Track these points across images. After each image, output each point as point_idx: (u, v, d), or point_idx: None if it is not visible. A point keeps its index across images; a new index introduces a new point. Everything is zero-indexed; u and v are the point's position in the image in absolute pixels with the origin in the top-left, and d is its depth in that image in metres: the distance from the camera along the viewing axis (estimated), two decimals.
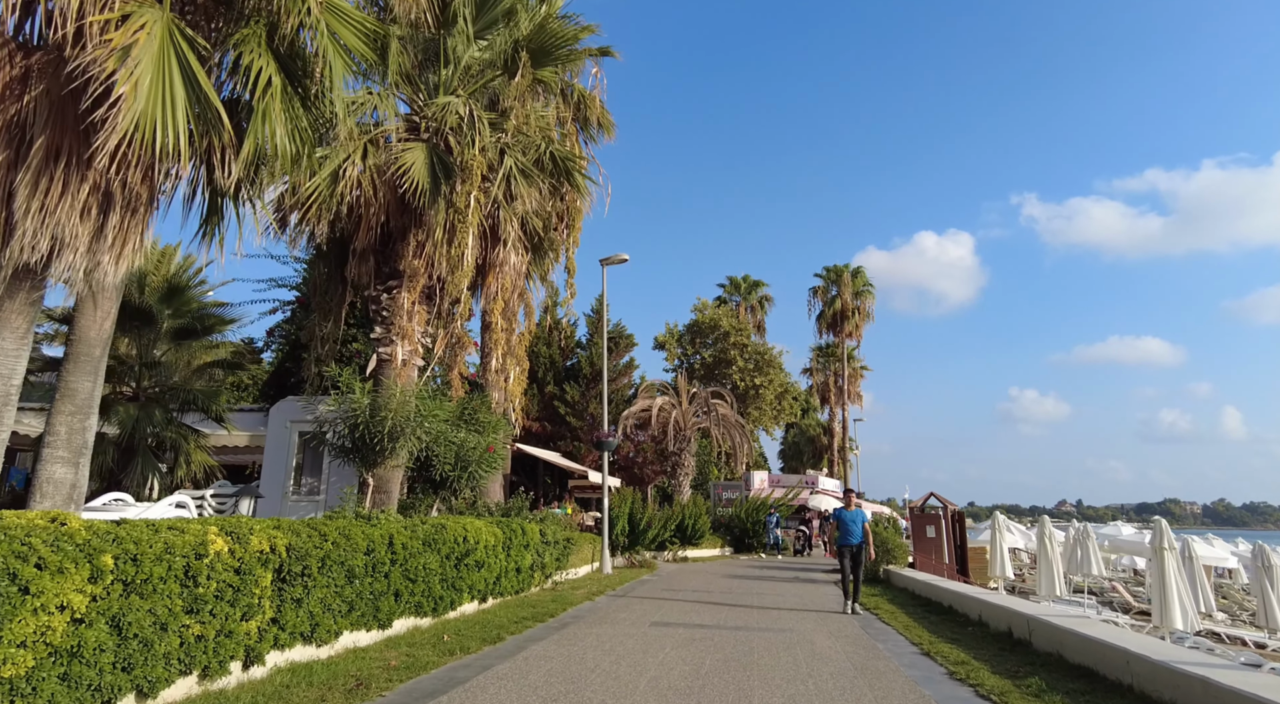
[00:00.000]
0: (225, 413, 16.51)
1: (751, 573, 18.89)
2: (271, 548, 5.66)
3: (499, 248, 10.55)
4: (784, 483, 38.71)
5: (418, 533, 8.21)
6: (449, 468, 10.82)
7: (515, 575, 11.34)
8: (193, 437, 16.07)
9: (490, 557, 10.21)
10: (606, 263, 19.33)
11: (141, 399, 15.43)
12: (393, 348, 9.88)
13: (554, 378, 30.93)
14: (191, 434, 16.09)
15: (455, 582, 9.21)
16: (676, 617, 10.33)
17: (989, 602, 9.48)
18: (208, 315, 16.01)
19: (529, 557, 11.77)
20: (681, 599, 12.51)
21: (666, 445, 29.85)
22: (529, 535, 11.66)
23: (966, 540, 23.08)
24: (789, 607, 11.82)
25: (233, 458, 17.66)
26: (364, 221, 10.19)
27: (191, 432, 16.14)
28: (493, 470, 11.41)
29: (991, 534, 15.53)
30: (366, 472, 9.47)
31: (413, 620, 8.37)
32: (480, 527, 9.96)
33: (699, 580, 16.31)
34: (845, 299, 51.08)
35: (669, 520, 21.65)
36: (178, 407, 15.86)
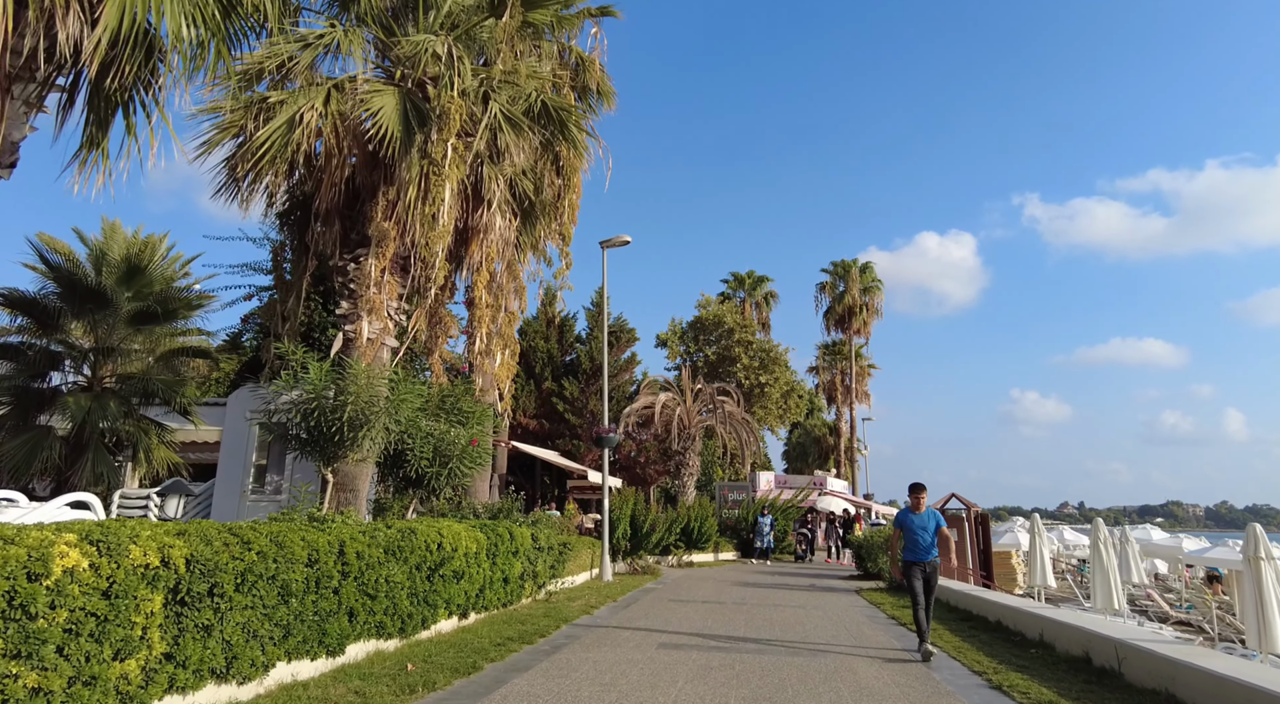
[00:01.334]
0: (192, 406, 15.16)
1: (763, 580, 17.51)
2: (164, 561, 4.30)
3: (482, 210, 9.19)
4: (791, 484, 37.27)
5: (378, 539, 6.85)
6: (426, 463, 9.47)
7: (502, 586, 9.97)
8: (155, 431, 14.72)
9: (471, 565, 8.84)
10: (607, 245, 17.98)
11: (96, 389, 14.08)
12: (358, 324, 8.55)
13: (552, 373, 29.57)
14: (155, 428, 14.74)
15: (428, 596, 7.84)
16: (687, 635, 8.95)
17: (1053, 619, 8.10)
18: (171, 298, 14.64)
19: (518, 564, 10.41)
20: (691, 612, 11.13)
21: (670, 444, 28.46)
22: (518, 540, 10.29)
23: (991, 544, 21.74)
24: (813, 620, 10.44)
25: (203, 455, 16.29)
26: (327, 178, 8.84)
27: (155, 426, 14.79)
28: (477, 466, 10.06)
29: (1031, 538, 14.15)
30: (326, 467, 8.14)
31: (374, 644, 7.00)
32: (460, 531, 8.60)
33: (708, 589, 14.93)
34: (853, 295, 49.67)
35: (673, 523, 20.26)
36: (139, 398, 14.52)
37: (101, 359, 14.22)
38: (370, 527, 7.00)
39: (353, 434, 7.71)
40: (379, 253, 8.61)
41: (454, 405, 10.01)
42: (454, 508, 11.62)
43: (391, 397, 8.01)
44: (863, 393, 54.52)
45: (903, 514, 8.36)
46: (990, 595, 11.07)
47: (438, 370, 10.19)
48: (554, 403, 29.01)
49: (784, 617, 10.89)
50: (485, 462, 10.26)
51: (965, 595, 11.67)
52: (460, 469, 9.78)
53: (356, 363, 7.81)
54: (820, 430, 61.31)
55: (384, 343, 9.19)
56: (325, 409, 7.68)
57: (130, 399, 14.32)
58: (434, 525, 8.21)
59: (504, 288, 10.00)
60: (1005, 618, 9.54)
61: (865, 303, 50.05)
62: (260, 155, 8.25)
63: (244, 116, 8.60)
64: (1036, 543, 13.67)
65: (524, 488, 30.97)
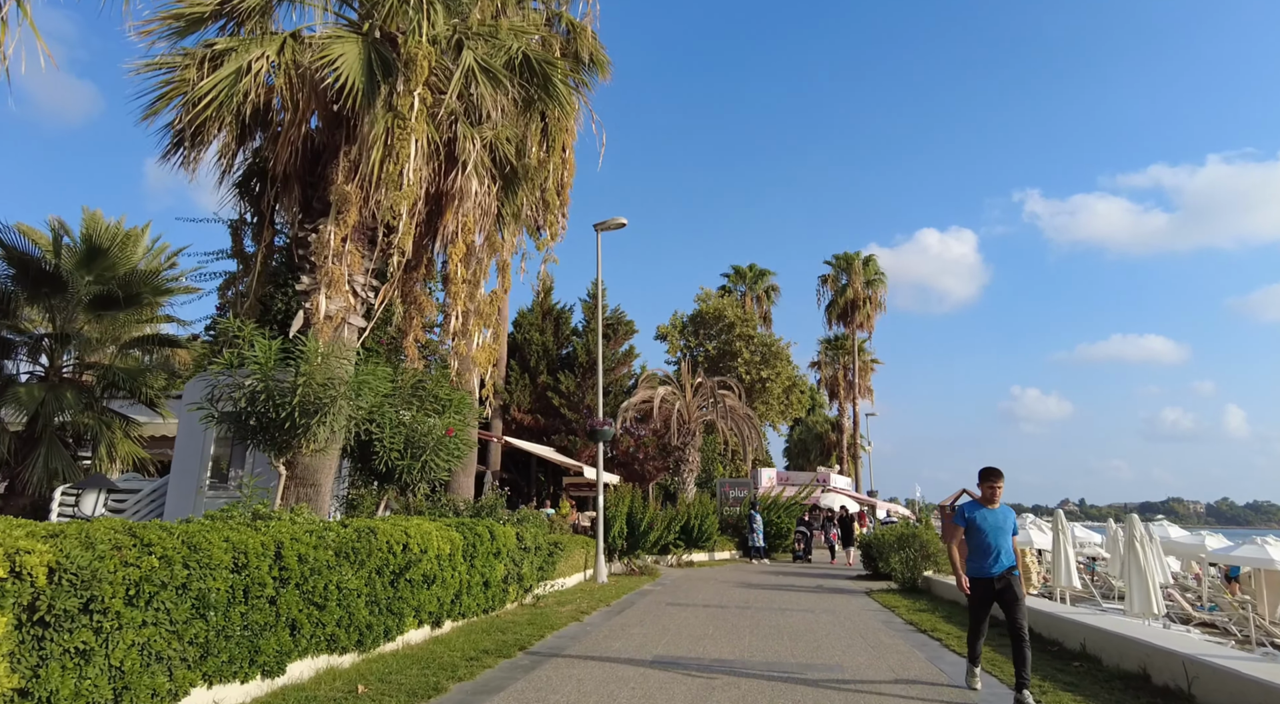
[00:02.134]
0: (160, 397, 14.22)
1: (767, 581, 16.60)
2: (14, 571, 3.37)
3: (456, 174, 8.25)
4: (794, 480, 36.41)
5: (327, 540, 5.92)
6: (396, 456, 8.54)
7: (482, 591, 9.05)
8: (119, 424, 13.80)
9: (445, 568, 7.92)
10: (601, 228, 17.06)
11: (53, 379, 13.15)
12: (315, 298, 7.62)
13: (547, 367, 28.64)
14: (119, 421, 13.82)
15: (392, 604, 6.93)
16: (687, 646, 8.03)
17: (1099, 628, 7.17)
18: (136, 282, 13.70)
19: (500, 567, 9.49)
20: (690, 618, 10.21)
21: (669, 439, 27.53)
22: (500, 540, 9.37)
23: None
24: (824, 626, 9.53)
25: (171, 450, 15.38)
26: (284, 136, 7.91)
27: (119, 419, 13.86)
28: (454, 459, 9.14)
29: (1054, 536, 13.22)
30: (278, 459, 7.22)
31: (325, 660, 6.08)
32: (431, 530, 7.67)
33: (709, 590, 14.02)
34: (856, 288, 48.76)
35: (673, 521, 19.34)
36: (101, 389, 13.59)
37: (59, 347, 13.29)
38: (320, 526, 6.07)
39: (305, 421, 6.79)
40: (340, 219, 7.68)
41: (429, 392, 9.08)
42: (433, 505, 10.71)
43: (352, 380, 7.09)
44: (865, 388, 53.59)
45: (969, 510, 6.26)
46: None
47: (412, 354, 9.27)
48: (549, 397, 28.09)
49: (792, 623, 9.97)
50: (464, 454, 9.35)
51: None
52: (435, 462, 8.86)
53: (310, 340, 6.89)
54: (822, 427, 60.41)
55: (347, 321, 8.26)
56: (274, 392, 6.75)
57: (92, 390, 13.39)
58: (400, 524, 7.29)
59: (483, 262, 9.08)
60: (1038, 625, 8.62)
61: (868, 296, 49.13)
62: (204, 107, 7.31)
63: (190, 70, 7.68)
64: (1060, 541, 12.74)
65: (519, 485, 30.10)
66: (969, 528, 6.21)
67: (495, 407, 27.92)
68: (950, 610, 11.29)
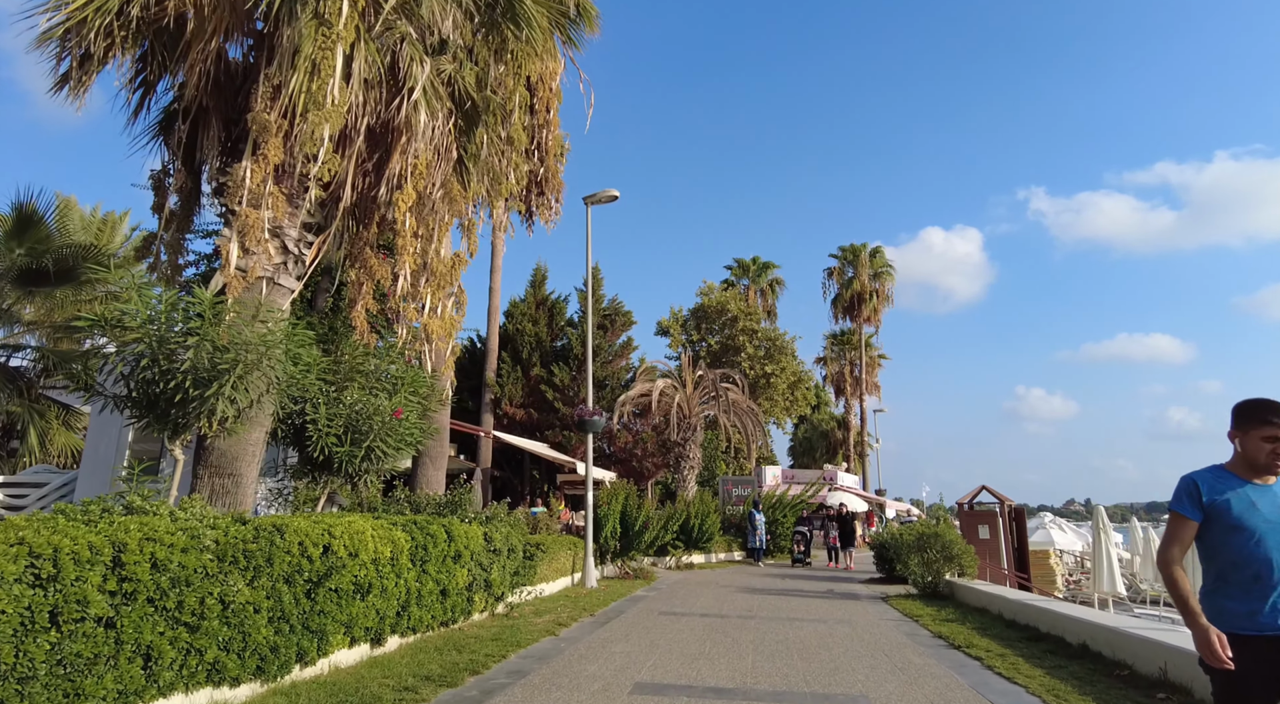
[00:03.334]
0: None
1: (771, 585, 15.22)
2: None
3: (402, 100, 6.93)
4: (800, 479, 35.00)
5: (203, 541, 4.57)
6: (334, 441, 7.21)
7: (439, 600, 7.69)
8: (56, 412, 12.49)
9: (386, 575, 6.57)
10: (591, 201, 15.73)
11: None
12: (225, 248, 6.29)
13: (540, 359, 27.30)
14: (55, 410, 12.51)
15: (309, 620, 5.58)
16: (677, 669, 6.66)
17: (1189, 650, 5.78)
18: (70, 256, 12.36)
19: (462, 572, 8.13)
20: (685, 630, 8.84)
21: (669, 435, 26.14)
22: (461, 542, 8.01)
23: (1027, 542, 19.39)
24: (840, 642, 8.15)
25: None
26: (192, 55, 6.58)
27: (56, 406, 12.56)
28: (404, 446, 7.80)
29: (1095, 535, 11.85)
30: (171, 441, 5.90)
31: (207, 696, 4.73)
32: (364, 529, 6.32)
33: (708, 596, 12.64)
34: (863, 280, 47.31)
35: (670, 520, 17.94)
36: (36, 374, 12.29)
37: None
38: (199, 524, 4.72)
39: (199, 392, 5.45)
40: (259, 156, 6.35)
41: (376, 369, 7.75)
42: (392, 502, 9.36)
43: (263, 342, 5.73)
44: (872, 384, 52.18)
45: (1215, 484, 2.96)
46: (1065, 608, 8.75)
47: (361, 326, 7.94)
48: (543, 391, 26.73)
49: (802, 637, 8.58)
50: (422, 442, 8.00)
51: (1027, 607, 9.35)
52: (381, 449, 7.52)
53: (200, 292, 5.55)
54: (828, 424, 58.95)
55: (275, 281, 6.92)
56: (159, 357, 5.41)
57: (22, 375, 12.07)
58: (323, 522, 5.94)
59: (442, 216, 7.74)
60: (1097, 641, 7.22)
61: (875, 289, 47.69)
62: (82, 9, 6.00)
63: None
64: (1102, 542, 11.36)
65: (512, 483, 28.75)
66: (1217, 521, 2.93)
67: (487, 401, 26.61)
68: (982, 621, 9.89)
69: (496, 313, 27.26)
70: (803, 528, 22.93)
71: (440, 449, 11.45)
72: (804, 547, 22.31)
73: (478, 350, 28.87)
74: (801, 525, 23.21)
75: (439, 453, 11.43)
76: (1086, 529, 35.01)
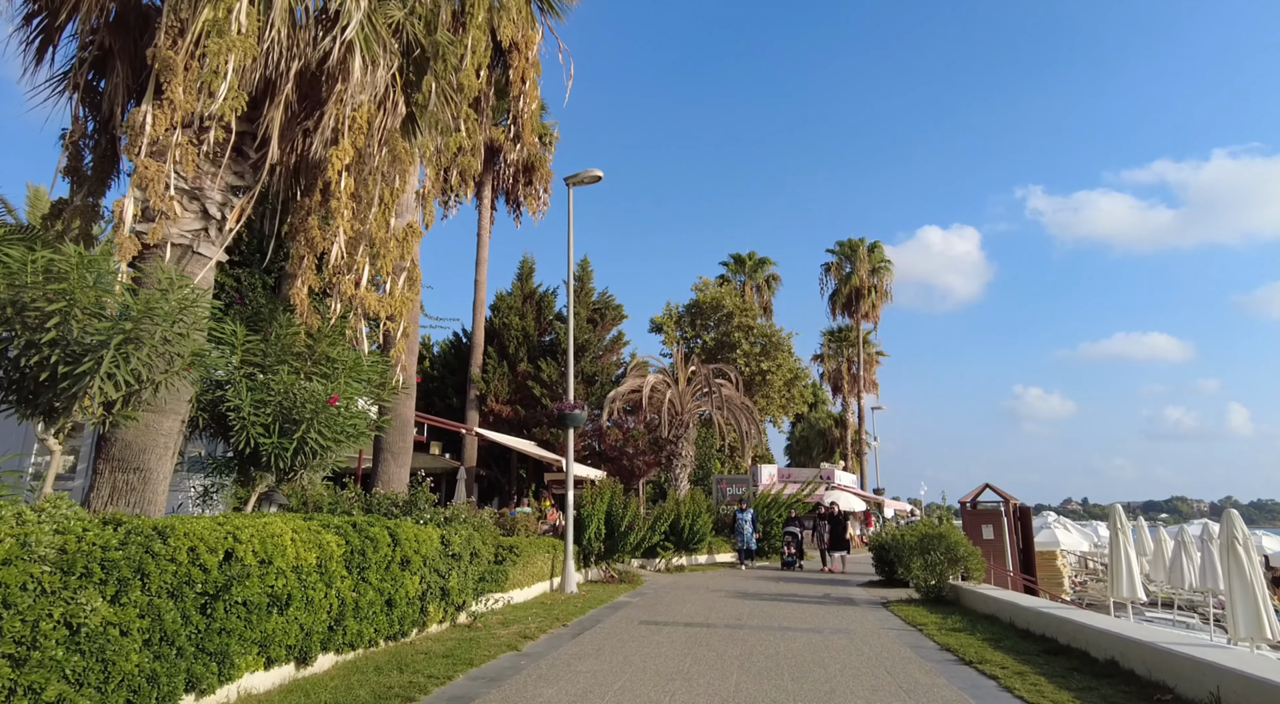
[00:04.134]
0: None
1: (764, 589, 14.34)
2: None
3: (335, 36, 6.04)
4: (796, 477, 34.10)
5: (37, 549, 3.67)
6: (260, 432, 6.31)
7: (383, 612, 6.79)
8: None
9: (312, 584, 5.67)
10: (574, 182, 14.83)
11: None
12: (122, 204, 5.40)
13: (528, 354, 26.39)
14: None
15: (204, 640, 4.67)
16: (649, 693, 5.76)
17: (1240, 672, 4.90)
18: None
19: (412, 580, 7.23)
20: (665, 643, 7.95)
21: (661, 431, 25.25)
22: (410, 545, 7.11)
23: (1033, 543, 18.55)
24: (836, 656, 7.26)
25: None
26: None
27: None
28: (346, 438, 6.90)
29: (1112, 537, 10.97)
30: (46, 429, 5.00)
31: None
32: (284, 531, 5.43)
33: (695, 602, 11.75)
34: (861, 276, 46.46)
35: (659, 520, 17.04)
36: None
37: None
38: (42, 527, 3.81)
39: (69, 370, 4.55)
40: (162, 100, 5.47)
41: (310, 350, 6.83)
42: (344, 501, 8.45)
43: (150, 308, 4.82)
44: (870, 382, 51.35)
45: None
46: (1088, 618, 7.86)
47: (301, 303, 7.03)
48: (530, 387, 25.82)
49: (795, 650, 7.69)
50: (361, 433, 7.11)
51: (1043, 615, 8.47)
52: (317, 441, 6.61)
53: (70, 249, 4.62)
54: (825, 423, 58.10)
55: (183, 245, 6.03)
56: (14, 325, 4.49)
57: None
58: (226, 524, 5.04)
59: (385, 176, 6.84)
60: (1129, 656, 6.35)
61: (874, 284, 46.84)
62: None
63: None
64: (1121, 544, 10.48)
65: (499, 483, 27.84)
66: None
67: (472, 397, 25.70)
68: (993, 630, 9.01)
69: (482, 306, 26.38)
70: (794, 528, 21.11)
71: (403, 444, 10.56)
72: (795, 548, 20.68)
73: (463, 345, 27.98)
74: (792, 526, 21.31)
75: (401, 448, 10.54)
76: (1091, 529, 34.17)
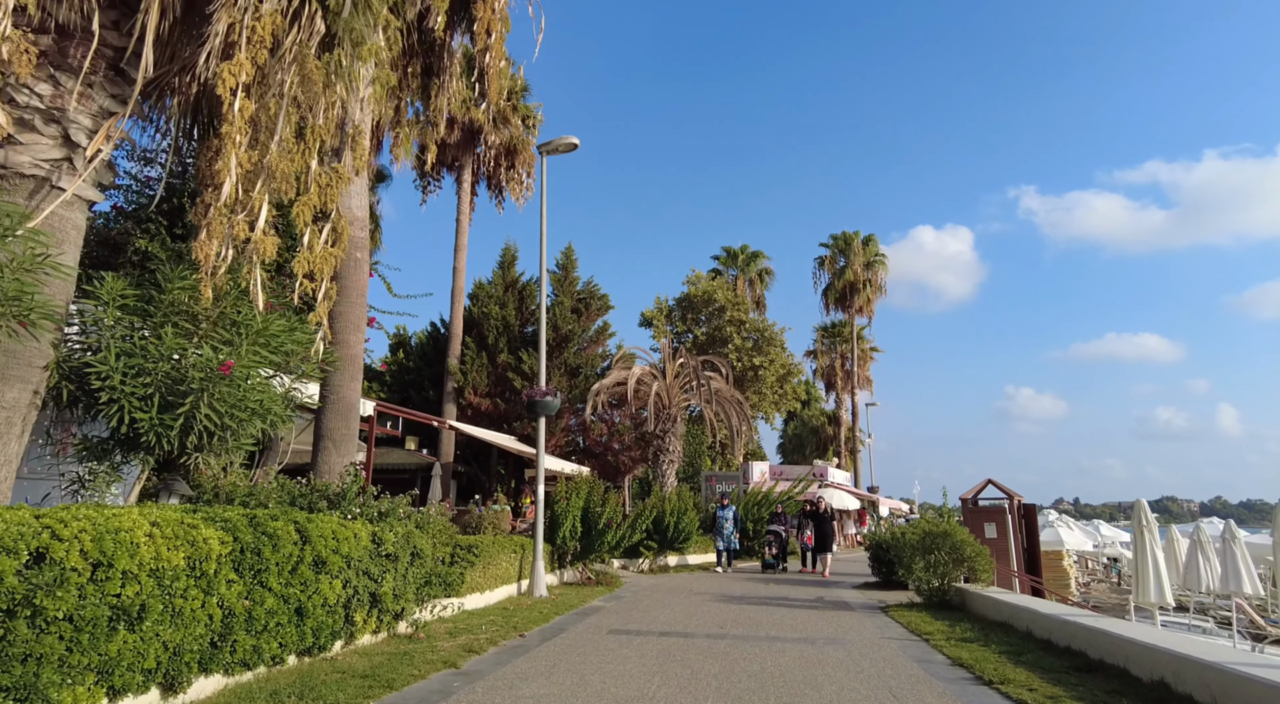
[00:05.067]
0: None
1: (752, 591, 13.25)
2: None
3: None
4: (789, 475, 33.08)
5: None
6: (135, 406, 5.17)
7: (291, 623, 5.65)
8: None
9: (180, 591, 4.53)
10: (547, 150, 13.68)
11: None
12: None
13: (508, 345, 25.24)
14: None
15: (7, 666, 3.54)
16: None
17: None
18: None
19: (333, 585, 6.09)
20: (632, 658, 6.84)
21: (647, 426, 24.15)
22: (327, 543, 5.97)
23: (1039, 542, 17.51)
24: (832, 673, 6.17)
25: None
26: None
27: None
28: (253, 418, 5.75)
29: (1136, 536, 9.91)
30: None
31: None
32: (136, 525, 4.29)
33: (675, 607, 10.65)
34: (855, 270, 45.47)
35: (640, 518, 15.91)
36: None
37: None
38: None
39: None
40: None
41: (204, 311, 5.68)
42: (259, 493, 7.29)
43: None
44: (865, 378, 50.39)
45: None
46: (1124, 629, 6.79)
47: (206, 260, 5.85)
48: (510, 379, 24.67)
49: (783, 667, 6.59)
50: (272, 413, 5.96)
51: (1068, 625, 7.40)
52: (210, 419, 5.48)
53: None
54: (818, 420, 57.18)
55: (35, 176, 4.89)
56: None
57: None
58: (45, 516, 3.91)
59: (300, 105, 5.73)
60: (1184, 678, 5.27)
61: (868, 278, 45.84)
62: None
63: None
64: (1146, 543, 9.42)
65: (478, 479, 26.67)
66: None
67: (449, 390, 24.52)
68: (1008, 641, 7.93)
69: (461, 295, 25.20)
70: (777, 528, 18.87)
71: (346, 430, 9.42)
72: (777, 550, 18.50)
73: (441, 336, 26.81)
74: (776, 524, 19.09)
75: (344, 435, 9.39)
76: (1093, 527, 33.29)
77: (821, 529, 18.11)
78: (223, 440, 5.84)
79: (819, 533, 18.15)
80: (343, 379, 9.37)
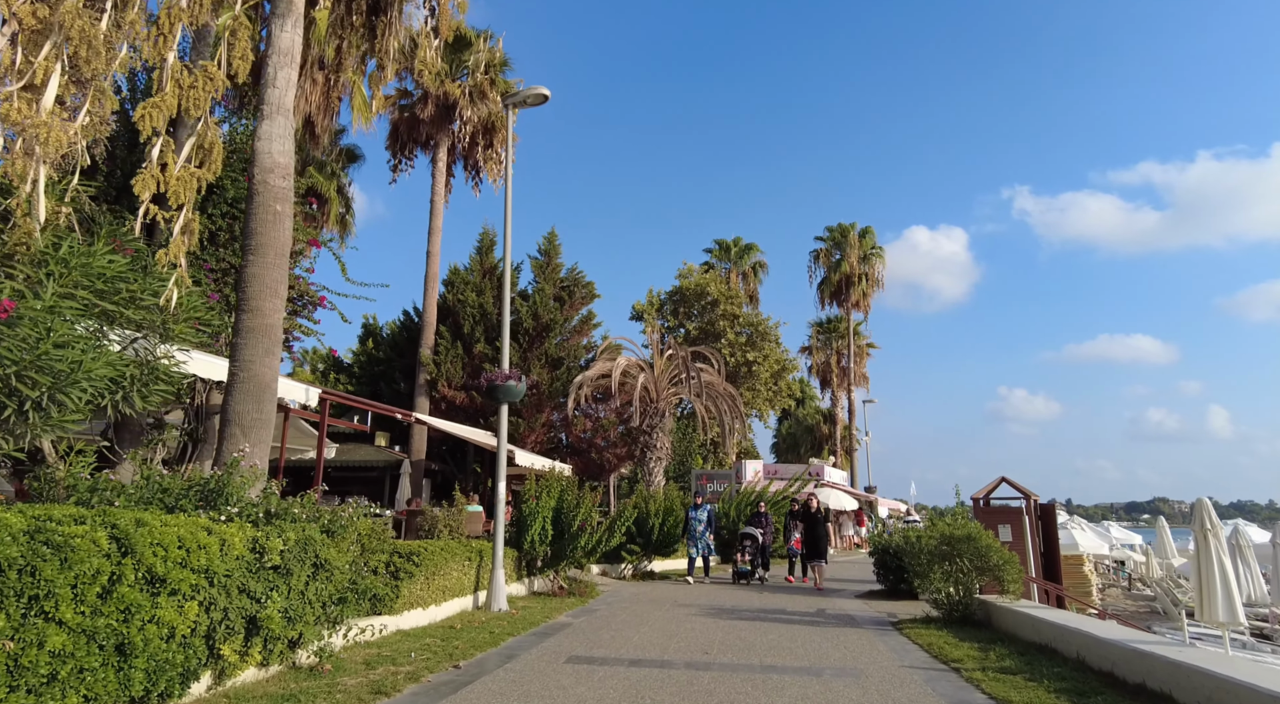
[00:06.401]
0: None
1: (744, 603, 11.73)
2: None
3: None
4: (783, 473, 31.60)
5: None
6: None
7: (107, 665, 4.08)
8: None
9: None
10: (513, 101, 12.10)
11: None
12: None
13: (485, 334, 23.64)
14: None
15: None
16: None
17: None
18: None
19: (184, 610, 4.52)
20: (592, 698, 5.29)
21: (634, 421, 22.59)
22: (169, 554, 4.41)
23: (1058, 546, 16.03)
24: None
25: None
26: None
27: None
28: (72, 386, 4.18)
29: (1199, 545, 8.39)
30: None
31: None
32: None
33: (654, 624, 9.09)
34: (852, 263, 44.04)
35: (620, 519, 14.30)
36: None
37: None
38: None
39: None
40: None
41: None
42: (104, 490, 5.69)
43: None
44: (861, 375, 48.99)
45: None
46: (1222, 666, 5.28)
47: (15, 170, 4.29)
48: (487, 370, 22.99)
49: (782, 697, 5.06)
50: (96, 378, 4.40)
51: (1145, 656, 5.88)
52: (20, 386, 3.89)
53: None
54: (813, 419, 55.76)
55: None
56: None
57: None
58: None
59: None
60: None
61: (865, 272, 44.43)
62: None
63: None
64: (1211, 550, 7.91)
65: (453, 477, 25.06)
66: None
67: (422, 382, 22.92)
68: (1059, 671, 6.41)
69: (434, 281, 23.60)
70: (753, 530, 15.67)
71: (259, 415, 7.82)
72: (753, 555, 15.27)
73: (414, 325, 25.19)
74: (753, 525, 16.03)
75: (256, 420, 7.79)
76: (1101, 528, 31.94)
77: (813, 532, 15.33)
78: (23, 416, 4.26)
79: (810, 536, 15.40)
80: (255, 353, 7.77)
